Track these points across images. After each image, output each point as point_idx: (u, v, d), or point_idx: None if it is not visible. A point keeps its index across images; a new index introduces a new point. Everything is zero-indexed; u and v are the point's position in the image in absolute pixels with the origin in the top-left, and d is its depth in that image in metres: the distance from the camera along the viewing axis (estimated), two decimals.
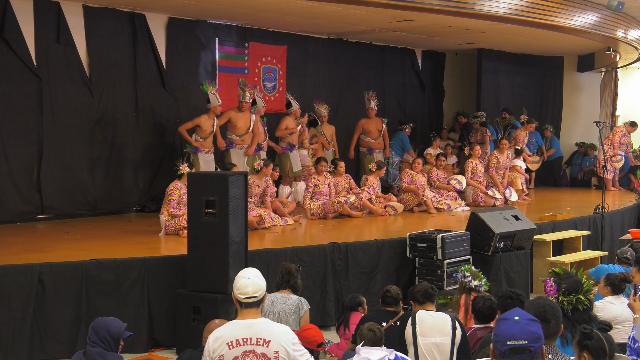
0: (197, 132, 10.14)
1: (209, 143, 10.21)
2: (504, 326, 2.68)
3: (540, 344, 2.64)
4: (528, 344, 2.61)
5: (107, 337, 3.96)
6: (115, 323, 4.04)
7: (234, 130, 10.47)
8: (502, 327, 2.69)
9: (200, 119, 10.10)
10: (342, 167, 10.79)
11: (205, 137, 10.12)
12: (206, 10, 10.62)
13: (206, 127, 10.11)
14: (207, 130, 10.12)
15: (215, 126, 10.17)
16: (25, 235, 8.55)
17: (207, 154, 10.20)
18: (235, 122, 10.42)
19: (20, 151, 9.42)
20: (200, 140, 10.11)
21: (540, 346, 2.64)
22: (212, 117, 10.16)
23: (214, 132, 10.20)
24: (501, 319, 2.73)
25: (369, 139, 12.65)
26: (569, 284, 4.83)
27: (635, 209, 12.19)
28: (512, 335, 2.64)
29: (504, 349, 2.65)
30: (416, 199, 11.13)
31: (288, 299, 5.68)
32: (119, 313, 6.56)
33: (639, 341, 4.28)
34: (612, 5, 11.09)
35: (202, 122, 10.10)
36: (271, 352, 3.62)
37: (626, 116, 16.45)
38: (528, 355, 2.62)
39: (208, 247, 6.39)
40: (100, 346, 3.93)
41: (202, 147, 10.11)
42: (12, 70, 9.29)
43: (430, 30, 12.74)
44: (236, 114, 10.45)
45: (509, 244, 8.37)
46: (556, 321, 3.64)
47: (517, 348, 2.62)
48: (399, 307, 5.64)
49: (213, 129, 10.16)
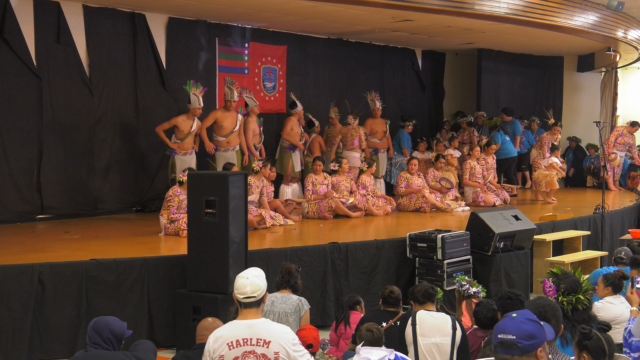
0: (175, 132, 9.96)
1: (188, 144, 9.99)
2: (501, 321, 2.72)
3: (533, 342, 2.62)
4: (516, 340, 2.61)
5: (111, 337, 3.92)
6: (117, 322, 4.01)
7: (219, 131, 10.25)
8: (500, 322, 2.73)
9: (178, 119, 9.92)
10: (346, 165, 10.78)
11: (183, 138, 9.90)
12: (206, 10, 10.62)
13: (184, 128, 9.90)
14: (185, 130, 9.90)
15: (194, 127, 9.97)
16: (25, 235, 8.55)
17: (185, 155, 9.95)
18: (221, 122, 10.23)
19: (20, 151, 9.42)
20: (177, 141, 9.91)
21: (532, 345, 2.62)
22: (191, 118, 9.95)
23: (192, 133, 9.98)
24: (504, 315, 2.76)
25: (375, 140, 12.63)
26: (568, 284, 4.83)
27: (635, 209, 12.19)
28: (503, 330, 2.66)
29: (495, 342, 2.68)
30: (416, 203, 11.10)
31: (288, 299, 5.68)
32: (119, 313, 6.55)
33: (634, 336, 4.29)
34: (612, 5, 11.09)
35: (180, 122, 9.90)
36: (271, 353, 3.62)
37: (626, 116, 16.47)
38: (516, 351, 2.62)
39: (208, 247, 6.39)
40: (102, 347, 3.90)
41: (179, 148, 9.91)
42: (12, 70, 9.29)
43: (430, 30, 12.74)
44: (222, 113, 10.27)
45: (509, 244, 8.36)
46: (556, 321, 3.65)
47: (505, 342, 2.64)
48: (399, 307, 5.65)
49: (192, 130, 9.95)
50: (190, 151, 10.04)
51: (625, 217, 11.59)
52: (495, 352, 2.69)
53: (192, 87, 9.92)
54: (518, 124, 14.40)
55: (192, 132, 9.98)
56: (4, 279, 6.26)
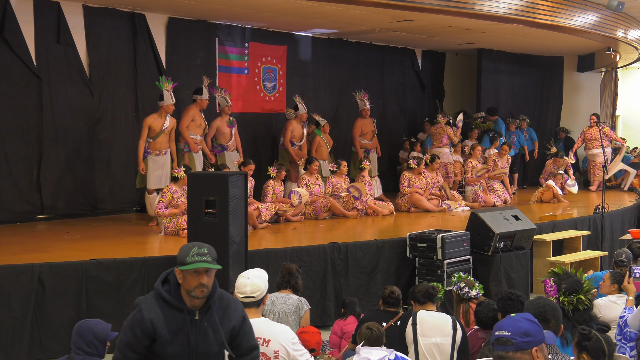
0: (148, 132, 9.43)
1: (161, 143, 9.43)
2: (500, 320, 2.78)
3: (528, 340, 2.66)
4: (511, 336, 2.66)
5: (94, 341, 3.87)
6: (100, 325, 3.96)
7: (195, 129, 9.88)
8: (499, 321, 2.78)
9: (148, 120, 9.37)
10: (345, 167, 10.78)
11: (155, 136, 9.36)
12: (206, 10, 10.62)
13: (155, 127, 9.36)
14: (157, 129, 9.36)
15: (167, 125, 9.43)
16: (25, 235, 8.55)
17: (157, 155, 9.42)
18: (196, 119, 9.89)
19: (20, 151, 9.42)
20: (150, 140, 9.35)
21: (527, 342, 2.66)
22: (163, 116, 9.42)
23: (165, 132, 9.44)
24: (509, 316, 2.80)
25: (365, 141, 12.46)
26: (569, 284, 4.83)
27: (635, 209, 12.20)
28: (500, 327, 2.72)
29: (492, 339, 2.73)
30: (416, 202, 11.09)
31: (288, 299, 5.68)
32: (119, 313, 6.56)
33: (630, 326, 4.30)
34: (612, 5, 11.10)
35: (151, 121, 9.37)
36: (271, 352, 3.62)
37: (626, 116, 16.50)
38: (510, 347, 2.67)
39: None
40: (85, 352, 3.83)
41: (150, 148, 9.38)
42: (12, 70, 9.29)
43: (430, 30, 12.74)
44: (194, 112, 9.88)
45: (509, 244, 8.36)
46: (556, 321, 3.66)
47: (500, 338, 2.69)
48: (399, 307, 5.65)
49: (164, 128, 9.41)
50: (164, 151, 9.49)
51: (625, 217, 11.60)
52: (492, 350, 2.73)
53: (164, 83, 9.46)
54: (501, 124, 14.38)
55: (165, 130, 9.44)
56: (4, 279, 6.26)
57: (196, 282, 3.22)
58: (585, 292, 4.80)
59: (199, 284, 3.22)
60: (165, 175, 9.43)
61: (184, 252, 3.25)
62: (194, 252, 3.24)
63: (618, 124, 16.58)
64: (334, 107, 13.39)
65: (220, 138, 10.40)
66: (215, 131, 10.36)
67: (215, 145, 10.38)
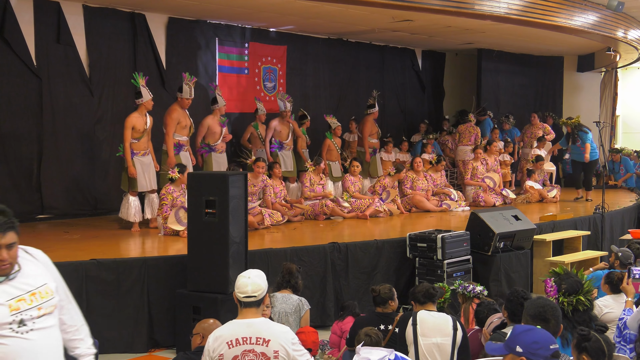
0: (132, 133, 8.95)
1: (145, 144, 8.99)
2: (540, 333, 2.91)
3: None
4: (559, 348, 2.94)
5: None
6: None
7: (181, 130, 9.45)
8: (537, 334, 2.90)
9: (131, 119, 8.83)
10: (358, 167, 10.84)
11: (139, 137, 8.87)
12: (206, 10, 10.63)
13: (139, 126, 8.86)
14: (140, 128, 8.87)
15: (149, 124, 8.97)
16: (25, 235, 8.45)
17: (143, 156, 8.98)
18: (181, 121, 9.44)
19: (20, 151, 9.42)
20: (134, 141, 8.85)
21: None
22: (143, 114, 8.92)
23: (147, 131, 8.99)
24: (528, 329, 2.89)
25: (373, 140, 12.59)
26: (569, 285, 4.82)
27: (635, 209, 12.20)
28: (552, 340, 2.91)
29: (548, 353, 2.86)
30: (418, 203, 11.09)
31: (288, 299, 5.69)
32: (119, 313, 6.58)
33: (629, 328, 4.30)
34: (612, 5, 11.09)
35: (134, 121, 8.85)
36: (271, 352, 3.62)
37: (626, 116, 16.49)
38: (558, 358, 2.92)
39: (208, 247, 6.39)
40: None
41: (135, 149, 8.88)
42: (12, 70, 9.29)
43: (430, 30, 12.75)
44: (178, 113, 9.37)
45: (509, 244, 8.37)
46: (556, 321, 3.65)
47: (557, 352, 2.89)
48: (388, 306, 5.44)
49: (147, 127, 8.95)
50: (147, 151, 9.04)
51: (625, 217, 11.60)
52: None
53: (139, 79, 8.90)
54: (487, 124, 14.33)
55: (148, 129, 8.98)
56: None
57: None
58: (585, 292, 4.80)
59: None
60: (151, 177, 9.06)
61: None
62: None
63: (618, 124, 16.57)
64: (334, 107, 13.38)
65: (209, 137, 10.00)
66: (206, 130, 9.99)
67: (202, 145, 10.02)
